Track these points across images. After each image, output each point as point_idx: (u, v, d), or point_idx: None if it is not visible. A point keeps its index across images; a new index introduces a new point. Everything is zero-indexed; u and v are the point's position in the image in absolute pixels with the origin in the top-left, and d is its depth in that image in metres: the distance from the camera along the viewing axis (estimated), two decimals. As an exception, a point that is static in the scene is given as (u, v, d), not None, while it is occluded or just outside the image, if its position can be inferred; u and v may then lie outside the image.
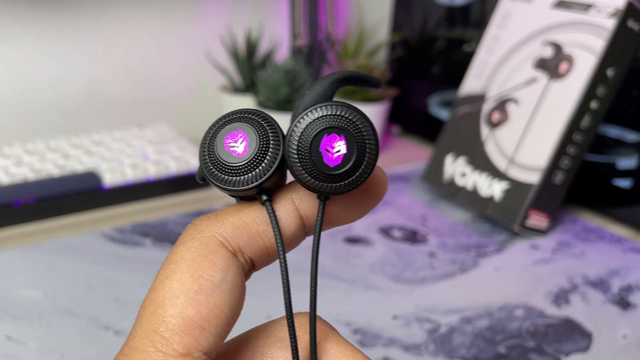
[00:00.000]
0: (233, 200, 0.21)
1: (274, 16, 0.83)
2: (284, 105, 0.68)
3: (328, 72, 0.77)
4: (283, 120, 0.78)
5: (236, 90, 0.75)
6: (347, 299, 0.45)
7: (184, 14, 0.76)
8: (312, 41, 0.77)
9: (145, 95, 0.77)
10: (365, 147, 0.18)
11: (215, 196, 0.61)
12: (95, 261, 0.48)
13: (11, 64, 0.68)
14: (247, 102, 0.73)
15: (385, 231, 0.56)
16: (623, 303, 0.46)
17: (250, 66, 0.74)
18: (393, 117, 0.82)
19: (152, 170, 0.60)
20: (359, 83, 0.21)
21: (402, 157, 0.75)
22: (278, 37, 0.82)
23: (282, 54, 0.82)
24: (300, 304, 0.26)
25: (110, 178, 0.58)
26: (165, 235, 0.53)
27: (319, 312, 0.20)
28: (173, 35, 0.76)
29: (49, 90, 0.71)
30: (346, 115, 0.18)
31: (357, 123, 0.18)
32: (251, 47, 0.74)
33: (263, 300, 0.41)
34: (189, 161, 0.62)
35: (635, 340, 0.42)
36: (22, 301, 0.43)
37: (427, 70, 0.82)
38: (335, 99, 0.25)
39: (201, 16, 0.78)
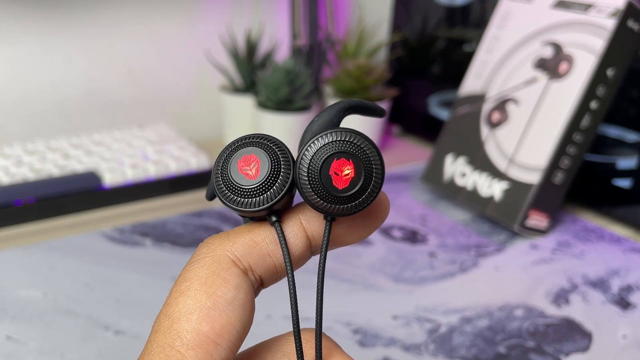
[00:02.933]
0: None
1: (274, 16, 0.83)
2: (284, 105, 0.68)
3: (328, 72, 0.77)
4: (283, 120, 0.77)
5: (236, 90, 0.75)
6: (347, 299, 0.45)
7: (184, 14, 0.76)
8: (312, 41, 0.77)
9: (145, 95, 0.77)
10: (372, 172, 0.19)
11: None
12: (95, 261, 0.48)
13: (11, 64, 0.68)
14: (247, 102, 0.73)
15: (385, 231, 0.56)
16: (623, 303, 0.46)
17: (250, 66, 0.74)
18: (393, 117, 0.82)
19: (152, 170, 0.60)
20: (364, 112, 0.22)
21: (402, 157, 0.75)
22: (278, 37, 0.82)
23: (282, 54, 0.82)
24: (303, 303, 0.26)
25: (110, 178, 0.58)
26: (165, 235, 0.53)
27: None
28: (173, 35, 0.76)
29: (49, 91, 0.71)
30: (354, 141, 0.19)
31: (365, 149, 0.19)
32: (251, 47, 0.74)
33: (263, 301, 0.41)
34: (189, 161, 0.62)
35: (635, 340, 0.42)
36: (22, 301, 0.43)
37: (427, 70, 0.82)
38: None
39: (201, 16, 0.78)
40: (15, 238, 0.52)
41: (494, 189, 0.58)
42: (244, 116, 0.74)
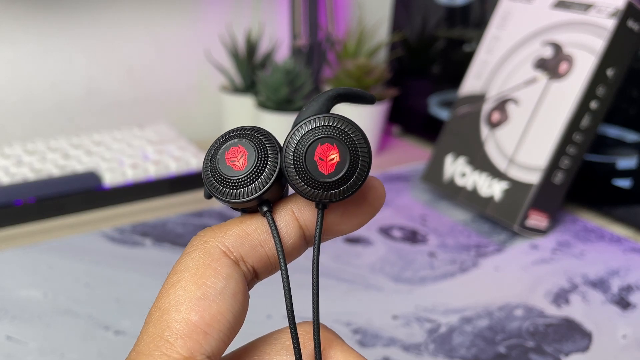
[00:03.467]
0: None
1: (274, 16, 0.83)
2: (284, 105, 0.68)
3: (328, 72, 0.77)
4: (283, 120, 0.77)
5: (236, 90, 0.75)
6: (347, 299, 0.45)
7: (184, 14, 0.76)
8: (312, 41, 0.77)
9: (145, 95, 0.77)
10: (358, 155, 0.19)
11: (215, 196, 0.61)
12: (95, 261, 0.48)
13: (11, 64, 0.68)
14: (247, 102, 0.73)
15: (385, 231, 0.56)
16: (623, 303, 0.46)
17: (250, 66, 0.74)
18: (393, 117, 0.82)
19: (152, 170, 0.60)
20: (354, 99, 0.22)
21: (402, 157, 0.75)
22: (278, 37, 0.82)
23: (282, 54, 0.82)
24: (301, 303, 0.26)
25: (110, 178, 0.58)
26: (165, 235, 0.53)
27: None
28: (173, 35, 0.76)
29: (49, 91, 0.71)
30: (338, 126, 0.19)
31: (349, 133, 0.19)
32: (251, 47, 0.74)
33: (263, 300, 0.41)
34: (189, 161, 0.62)
35: (635, 340, 0.42)
36: (22, 301, 0.43)
37: (427, 70, 0.82)
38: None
39: (201, 16, 0.78)
40: (15, 238, 0.52)
41: (494, 189, 0.58)
42: (244, 116, 0.74)
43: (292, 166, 0.19)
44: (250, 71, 0.74)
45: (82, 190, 0.56)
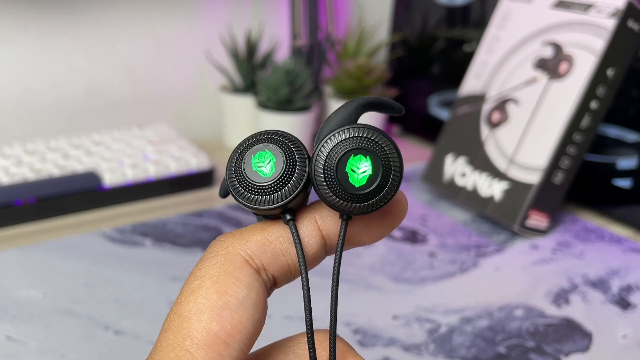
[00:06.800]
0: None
1: (274, 16, 0.83)
2: (284, 105, 0.68)
3: (328, 72, 0.77)
4: (283, 120, 0.77)
5: (236, 90, 0.75)
6: (347, 299, 0.45)
7: (184, 14, 0.76)
8: (312, 41, 0.77)
9: (145, 95, 0.77)
10: (390, 169, 0.19)
11: (215, 196, 0.61)
12: (95, 261, 0.48)
13: (11, 64, 0.68)
14: (247, 102, 0.73)
15: (385, 231, 0.56)
16: (623, 303, 0.46)
17: (250, 66, 0.74)
18: (393, 117, 0.82)
19: (152, 170, 0.60)
20: (382, 109, 0.22)
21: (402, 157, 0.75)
22: (278, 37, 0.82)
23: (282, 54, 0.82)
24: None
25: (110, 178, 0.58)
26: (165, 235, 0.53)
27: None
28: (173, 35, 0.76)
29: (49, 91, 0.71)
30: (372, 138, 0.19)
31: (383, 145, 0.19)
32: (251, 47, 0.74)
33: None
34: (189, 161, 0.62)
35: (635, 340, 0.42)
36: (22, 301, 0.43)
37: (427, 70, 0.82)
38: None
39: (201, 16, 0.78)
40: (15, 238, 0.52)
41: (494, 189, 0.58)
42: (244, 116, 0.74)
43: (322, 176, 0.19)
44: (250, 71, 0.74)
45: (82, 190, 0.56)
